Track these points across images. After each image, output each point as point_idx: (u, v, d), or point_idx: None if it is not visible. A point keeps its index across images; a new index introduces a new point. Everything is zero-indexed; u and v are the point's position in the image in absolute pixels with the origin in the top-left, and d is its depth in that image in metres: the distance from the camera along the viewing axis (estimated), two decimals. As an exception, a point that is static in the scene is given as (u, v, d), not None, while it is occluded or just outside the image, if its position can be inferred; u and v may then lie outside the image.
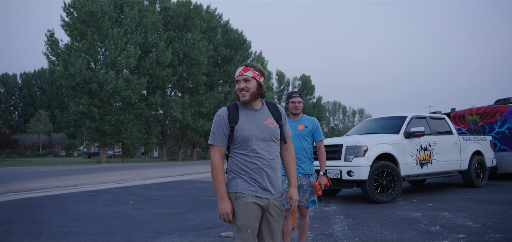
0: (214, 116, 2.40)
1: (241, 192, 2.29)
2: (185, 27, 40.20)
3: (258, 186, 2.32)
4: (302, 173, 3.80)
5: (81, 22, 32.08)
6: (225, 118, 2.34)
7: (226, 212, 2.27)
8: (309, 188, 3.80)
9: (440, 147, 8.70)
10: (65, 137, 58.48)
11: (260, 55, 49.72)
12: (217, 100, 41.50)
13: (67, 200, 8.42)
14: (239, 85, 2.37)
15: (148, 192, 9.98)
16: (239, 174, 2.34)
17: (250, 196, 2.29)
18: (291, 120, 3.95)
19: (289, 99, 3.96)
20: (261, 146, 2.35)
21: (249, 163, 2.32)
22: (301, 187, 3.79)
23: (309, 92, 69.52)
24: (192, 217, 6.35)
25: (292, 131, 3.70)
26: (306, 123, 3.92)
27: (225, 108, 2.39)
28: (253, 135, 2.33)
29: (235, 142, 2.35)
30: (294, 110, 3.91)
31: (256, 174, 2.32)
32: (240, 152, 2.35)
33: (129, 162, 36.75)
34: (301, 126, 3.89)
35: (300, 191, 3.78)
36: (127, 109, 35.60)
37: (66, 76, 31.16)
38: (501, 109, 11.41)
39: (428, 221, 5.53)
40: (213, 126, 2.37)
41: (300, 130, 3.86)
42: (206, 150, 50.97)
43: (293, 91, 4.01)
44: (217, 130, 2.34)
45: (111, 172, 18.92)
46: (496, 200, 7.27)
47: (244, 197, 2.28)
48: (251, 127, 2.34)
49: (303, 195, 3.80)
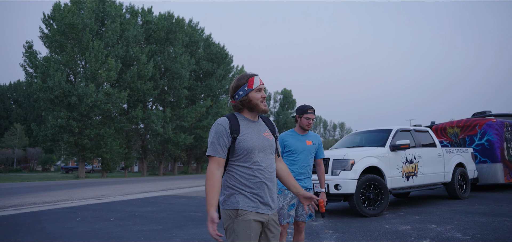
0: (213, 125, 2.26)
1: (242, 209, 2.16)
2: (167, 41, 39.95)
3: (259, 202, 2.21)
4: (305, 187, 3.70)
5: (61, 34, 31.44)
6: (226, 128, 2.22)
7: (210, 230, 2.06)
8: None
9: (425, 159, 8.76)
10: (41, 151, 56.76)
11: (242, 69, 49.73)
12: (198, 114, 41.18)
13: (44, 218, 8.05)
14: (262, 94, 2.30)
15: (130, 208, 9.67)
16: (239, 190, 2.20)
17: (252, 213, 2.17)
18: (299, 134, 3.80)
19: (303, 114, 3.76)
20: (262, 158, 2.26)
21: (250, 176, 2.21)
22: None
23: (290, 106, 69.92)
24: (177, 233, 6.13)
25: (301, 146, 3.69)
26: (313, 139, 3.83)
27: (225, 118, 2.26)
28: (255, 146, 2.24)
29: (236, 154, 2.22)
30: (308, 126, 3.77)
31: (258, 189, 2.21)
32: (241, 164, 2.23)
33: (109, 177, 35.87)
34: (309, 142, 3.78)
35: (300, 206, 3.67)
36: (107, 123, 34.89)
37: (44, 88, 30.35)
38: (481, 122, 11.65)
39: (417, 234, 5.49)
40: (213, 136, 2.22)
41: (309, 146, 3.75)
42: (187, 165, 50.35)
43: (306, 105, 3.82)
44: (217, 140, 2.20)
45: (90, 187, 18.36)
46: (480, 211, 7.33)
47: (245, 214, 2.16)
48: (253, 138, 2.25)
49: (303, 210, 3.70)
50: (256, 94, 2.28)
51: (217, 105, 43.22)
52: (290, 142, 3.73)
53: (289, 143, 3.73)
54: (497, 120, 11.65)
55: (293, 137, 3.77)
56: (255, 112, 2.32)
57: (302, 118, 3.76)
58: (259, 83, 2.30)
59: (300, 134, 3.81)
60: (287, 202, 3.61)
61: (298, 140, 3.75)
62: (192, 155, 48.48)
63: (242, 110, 2.33)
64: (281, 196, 3.62)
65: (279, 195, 3.63)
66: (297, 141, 3.74)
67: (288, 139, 3.75)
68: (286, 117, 67.11)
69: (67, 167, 51.51)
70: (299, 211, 3.71)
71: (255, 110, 2.30)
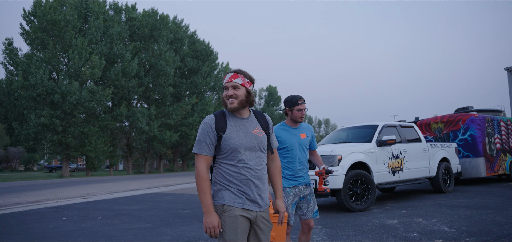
0: (201, 123, 2.25)
1: (228, 205, 2.16)
2: (151, 38, 39.52)
3: (246, 198, 2.19)
4: (304, 183, 3.50)
5: (42, 30, 30.77)
6: (212, 126, 2.21)
7: (213, 225, 2.11)
8: (312, 197, 3.52)
9: (410, 154, 8.90)
10: (23, 150, 55.58)
11: (227, 66, 49.59)
12: (184, 112, 40.91)
13: (28, 218, 7.90)
14: (227, 92, 2.24)
15: (117, 207, 9.56)
16: (226, 186, 2.20)
17: (238, 209, 2.16)
18: (292, 127, 3.56)
19: (294, 106, 3.50)
20: (249, 156, 2.24)
21: (236, 174, 2.20)
22: (304, 197, 3.50)
23: (275, 102, 70.11)
24: (166, 231, 6.10)
25: (295, 140, 3.48)
26: (306, 131, 3.62)
27: (212, 116, 2.25)
28: (241, 144, 2.21)
29: (222, 152, 2.22)
30: (301, 118, 3.52)
31: (244, 186, 2.20)
32: (227, 162, 2.22)
33: (93, 175, 35.37)
34: (303, 135, 3.56)
35: (304, 202, 3.50)
36: (92, 121, 34.37)
37: (26, 86, 29.69)
38: (464, 117, 11.91)
39: (405, 227, 5.58)
40: (199, 134, 2.22)
41: (303, 139, 3.54)
42: (173, 162, 50.02)
43: (295, 96, 3.55)
44: (203, 138, 2.20)
45: (75, 186, 18.08)
46: (464, 205, 7.50)
47: (231, 210, 2.15)
48: (239, 137, 2.22)
49: (308, 206, 3.49)
50: (225, 92, 2.26)
51: (203, 102, 43.00)
52: (284, 138, 3.50)
53: (283, 139, 3.50)
54: (479, 115, 11.93)
55: (286, 131, 3.54)
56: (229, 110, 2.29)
57: (294, 110, 3.51)
58: (226, 81, 2.26)
59: (293, 127, 3.57)
60: (290, 201, 3.42)
61: (291, 134, 3.52)
62: (177, 153, 48.17)
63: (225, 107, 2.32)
64: (283, 195, 3.38)
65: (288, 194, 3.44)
66: (291, 135, 3.51)
67: (281, 135, 3.51)
68: (271, 114, 67.23)
69: (51, 166, 50.63)
70: (304, 209, 3.50)
71: (226, 108, 2.29)
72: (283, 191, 3.38)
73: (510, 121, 13.33)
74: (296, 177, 3.44)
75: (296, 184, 3.44)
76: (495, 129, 12.37)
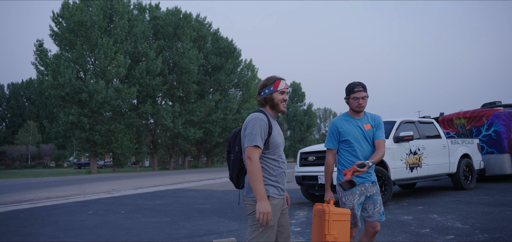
0: (253, 119, 2.43)
1: (271, 196, 2.45)
2: (175, 36, 40.21)
3: (280, 189, 2.53)
4: (371, 181, 3.11)
5: (70, 31, 31.90)
6: (267, 123, 2.46)
7: (268, 211, 2.31)
8: (378, 197, 3.12)
9: (429, 151, 8.81)
10: (54, 148, 57.77)
11: (250, 62, 49.85)
12: (208, 109, 41.47)
13: (57, 211, 8.35)
14: (284, 97, 2.58)
15: (140, 201, 9.93)
16: (267, 179, 2.47)
17: (277, 199, 2.48)
18: (354, 118, 3.17)
19: (350, 94, 3.13)
20: (282, 152, 2.61)
21: (276, 167, 2.51)
22: (371, 197, 3.11)
23: (299, 99, 69.88)
24: (184, 225, 6.34)
25: (357, 131, 3.11)
26: (371, 121, 3.18)
27: (263, 114, 2.48)
28: (281, 142, 2.58)
29: (269, 147, 2.50)
30: (359, 107, 3.11)
31: (280, 178, 2.53)
32: (270, 157, 2.51)
33: (120, 172, 36.43)
34: (368, 126, 3.14)
35: (370, 202, 3.10)
36: (118, 119, 35.38)
37: (55, 86, 30.90)
38: (488, 113, 11.63)
39: (418, 223, 5.60)
40: (257, 129, 2.40)
41: (367, 130, 3.12)
42: (197, 159, 50.77)
43: (354, 82, 3.15)
44: (261, 133, 2.41)
45: (102, 182, 18.75)
46: (483, 202, 7.39)
47: (272, 200, 2.45)
48: (280, 135, 2.57)
49: (374, 207, 3.09)
50: (279, 95, 2.55)
51: (226, 99, 43.41)
52: (346, 130, 3.14)
53: (345, 131, 3.14)
54: (505, 110, 11.61)
55: (347, 122, 3.17)
56: (275, 111, 2.60)
57: (350, 99, 3.14)
58: (284, 87, 2.57)
59: (355, 117, 3.17)
60: (356, 200, 3.05)
61: (353, 125, 3.14)
62: (202, 149, 48.89)
63: (264, 106, 2.60)
64: (349, 194, 3.07)
65: (347, 193, 3.08)
66: (352, 127, 3.13)
67: (342, 126, 3.16)
68: (295, 110, 67.10)
69: (80, 163, 52.41)
70: (370, 210, 3.11)
71: (276, 109, 2.58)
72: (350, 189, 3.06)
73: (538, 116, 12.90)
74: (363, 174, 3.01)
75: (362, 182, 3.06)
76: (522, 124, 12.01)
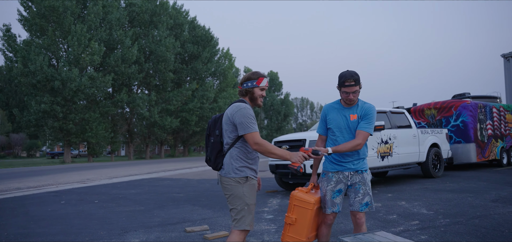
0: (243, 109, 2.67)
1: (250, 177, 2.74)
2: (151, 24, 39.50)
3: (255, 171, 2.80)
4: (353, 169, 3.04)
5: (41, 17, 30.80)
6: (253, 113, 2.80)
7: (301, 155, 2.72)
8: (362, 187, 3.03)
9: (400, 140, 9.10)
10: (25, 137, 56.01)
11: (228, 51, 49.57)
12: (184, 97, 41.09)
13: (28, 202, 8.18)
14: (263, 93, 2.84)
15: (115, 191, 9.84)
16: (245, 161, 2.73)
17: (254, 180, 2.78)
18: (343, 107, 3.09)
19: (341, 87, 3.00)
20: None
21: (253, 152, 2.77)
22: (352, 186, 3.05)
23: (276, 88, 70.07)
24: (158, 213, 6.36)
25: (342, 121, 3.06)
26: (359, 112, 3.05)
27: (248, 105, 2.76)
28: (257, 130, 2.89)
29: None
30: (349, 102, 3.02)
31: (254, 162, 2.81)
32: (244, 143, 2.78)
33: (95, 161, 35.79)
34: (354, 116, 3.04)
35: (352, 191, 3.05)
36: (92, 108, 34.60)
37: (26, 73, 29.86)
38: (456, 104, 12.07)
39: (386, 210, 5.82)
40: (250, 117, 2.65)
41: (352, 121, 3.04)
42: (174, 148, 50.39)
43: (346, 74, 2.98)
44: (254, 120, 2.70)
45: (76, 172, 18.41)
46: (449, 189, 7.73)
47: (251, 181, 2.75)
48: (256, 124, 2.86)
49: (355, 196, 3.04)
50: (259, 91, 2.81)
51: (203, 88, 43.11)
52: (331, 118, 3.11)
53: (330, 119, 3.12)
54: (472, 102, 12.08)
55: (335, 110, 3.12)
56: (253, 104, 2.84)
57: (341, 91, 3.03)
58: (265, 84, 2.83)
59: (344, 106, 3.09)
60: (331, 187, 3.04)
61: (340, 114, 3.09)
62: (178, 138, 48.53)
63: (245, 97, 2.83)
64: (324, 180, 3.10)
65: (322, 179, 3.12)
66: (339, 116, 3.08)
67: (330, 114, 3.14)
68: (272, 99, 67.32)
69: (53, 153, 51.14)
70: (351, 199, 3.06)
71: (254, 102, 2.83)
72: (326, 175, 3.11)
73: (503, 108, 13.49)
74: (342, 162, 3.03)
75: (341, 170, 3.04)
76: (487, 115, 12.54)
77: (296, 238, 2.98)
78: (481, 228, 4.49)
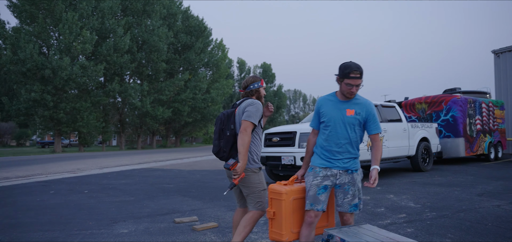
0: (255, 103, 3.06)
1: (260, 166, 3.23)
2: (144, 13, 39.09)
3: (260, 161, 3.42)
4: (343, 168, 2.87)
5: (30, 3, 30.24)
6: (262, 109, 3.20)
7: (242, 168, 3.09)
8: (352, 187, 2.89)
9: (390, 134, 9.17)
10: (15, 126, 55.42)
11: (221, 42, 49.33)
12: (177, 88, 40.88)
13: (16, 192, 8.13)
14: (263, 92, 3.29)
15: (105, 181, 9.81)
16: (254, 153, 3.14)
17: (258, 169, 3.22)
18: (340, 100, 2.92)
19: (344, 78, 2.79)
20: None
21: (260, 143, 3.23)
22: (341, 186, 2.89)
23: (269, 80, 70.09)
24: (148, 204, 6.36)
25: (338, 115, 2.89)
26: (357, 108, 2.90)
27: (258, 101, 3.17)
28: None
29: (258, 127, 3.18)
30: (349, 95, 2.85)
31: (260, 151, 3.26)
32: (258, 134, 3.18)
33: (86, 151, 35.55)
34: (351, 111, 2.87)
35: (340, 191, 2.90)
36: (84, 97, 34.24)
37: (15, 61, 29.40)
38: (446, 98, 12.18)
39: (374, 203, 5.88)
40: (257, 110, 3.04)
41: (348, 116, 2.87)
42: (166, 138, 50.23)
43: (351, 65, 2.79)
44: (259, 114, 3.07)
45: (66, 161, 18.28)
46: (437, 183, 7.83)
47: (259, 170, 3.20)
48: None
49: (344, 197, 2.89)
50: (263, 90, 3.29)
51: (196, 79, 42.92)
52: (326, 111, 2.94)
53: (324, 112, 2.95)
54: (462, 97, 12.21)
55: (331, 103, 2.95)
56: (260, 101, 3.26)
57: (342, 83, 2.82)
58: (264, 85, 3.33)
59: (341, 100, 2.92)
60: (316, 182, 2.86)
61: (335, 108, 2.91)
62: (170, 129, 48.36)
63: (253, 97, 3.21)
64: (310, 174, 2.93)
65: (309, 173, 2.96)
66: (334, 109, 2.91)
67: (324, 106, 2.97)
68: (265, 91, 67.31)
69: (43, 142, 50.64)
70: (339, 199, 2.92)
71: (260, 100, 3.24)
72: (313, 169, 2.94)
73: (492, 103, 13.65)
74: (331, 158, 2.88)
75: (329, 166, 2.87)
76: (477, 110, 12.69)
77: (278, 233, 2.90)
78: (465, 222, 4.57)
